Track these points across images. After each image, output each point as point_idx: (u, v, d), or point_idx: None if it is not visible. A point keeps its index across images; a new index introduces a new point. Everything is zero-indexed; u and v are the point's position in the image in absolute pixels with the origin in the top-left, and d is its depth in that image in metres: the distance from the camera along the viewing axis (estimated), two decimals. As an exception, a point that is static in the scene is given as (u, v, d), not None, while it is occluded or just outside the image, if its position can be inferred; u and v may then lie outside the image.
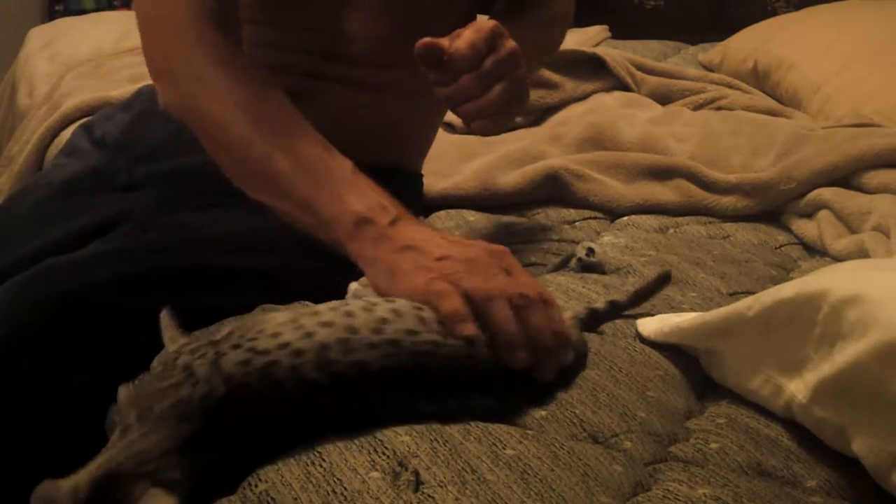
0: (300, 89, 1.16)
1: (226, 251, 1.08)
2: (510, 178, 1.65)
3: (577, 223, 1.59)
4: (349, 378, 0.80)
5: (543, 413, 0.87)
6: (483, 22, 0.99)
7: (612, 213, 1.63)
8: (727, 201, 1.62)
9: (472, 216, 1.56)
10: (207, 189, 1.13)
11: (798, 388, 0.83)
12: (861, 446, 0.77)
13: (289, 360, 0.79)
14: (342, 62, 1.16)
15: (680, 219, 1.60)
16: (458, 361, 0.84)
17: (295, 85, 1.16)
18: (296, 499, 0.74)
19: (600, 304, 1.06)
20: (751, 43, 2.40)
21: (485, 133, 1.04)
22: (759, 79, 2.31)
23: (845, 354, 0.78)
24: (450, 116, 1.97)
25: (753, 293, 0.92)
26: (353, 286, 0.94)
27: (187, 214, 1.12)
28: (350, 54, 1.16)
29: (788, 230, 1.58)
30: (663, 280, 1.08)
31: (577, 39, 2.42)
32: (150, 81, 1.13)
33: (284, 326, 0.82)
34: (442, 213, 1.57)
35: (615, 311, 1.06)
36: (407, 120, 1.25)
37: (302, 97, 1.15)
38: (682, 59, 2.57)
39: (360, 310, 0.84)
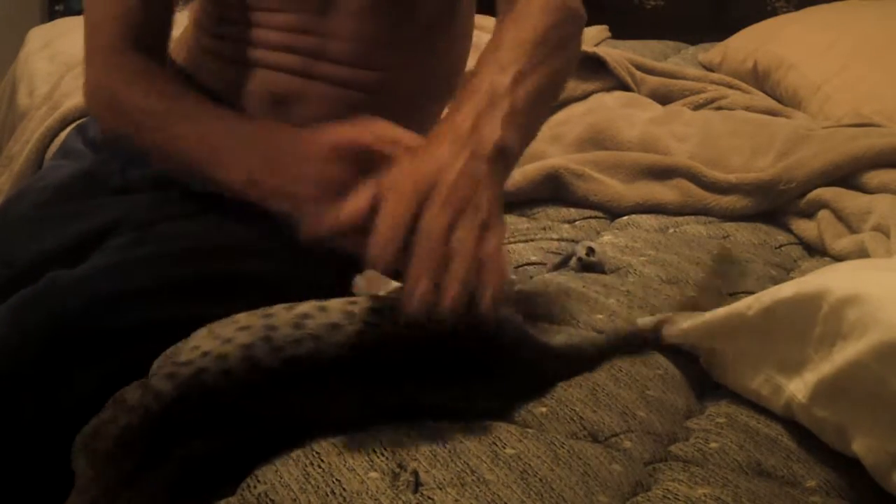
0: (291, 89, 1.16)
1: (225, 258, 1.08)
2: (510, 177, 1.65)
3: (577, 222, 1.59)
4: (283, 374, 0.79)
5: (543, 410, 0.87)
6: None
7: (612, 212, 1.63)
8: (727, 201, 1.62)
9: (472, 215, 1.56)
10: (202, 193, 1.13)
11: (798, 387, 0.83)
12: (861, 446, 0.77)
13: (216, 366, 0.79)
14: (331, 63, 1.16)
15: (680, 218, 1.60)
16: (391, 346, 0.82)
17: (286, 84, 1.16)
18: (294, 500, 0.74)
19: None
20: (751, 43, 2.39)
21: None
22: (759, 79, 2.30)
23: (845, 354, 0.78)
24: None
25: (753, 293, 0.92)
26: (358, 279, 0.95)
27: (185, 221, 1.12)
28: (339, 55, 1.16)
29: (788, 230, 1.58)
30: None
31: (577, 39, 2.41)
32: None
33: (202, 339, 0.82)
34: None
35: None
36: (402, 121, 1.24)
37: (294, 97, 1.15)
38: (682, 59, 2.57)
39: (281, 310, 0.83)
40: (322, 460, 0.77)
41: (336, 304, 0.84)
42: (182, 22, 1.29)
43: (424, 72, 1.21)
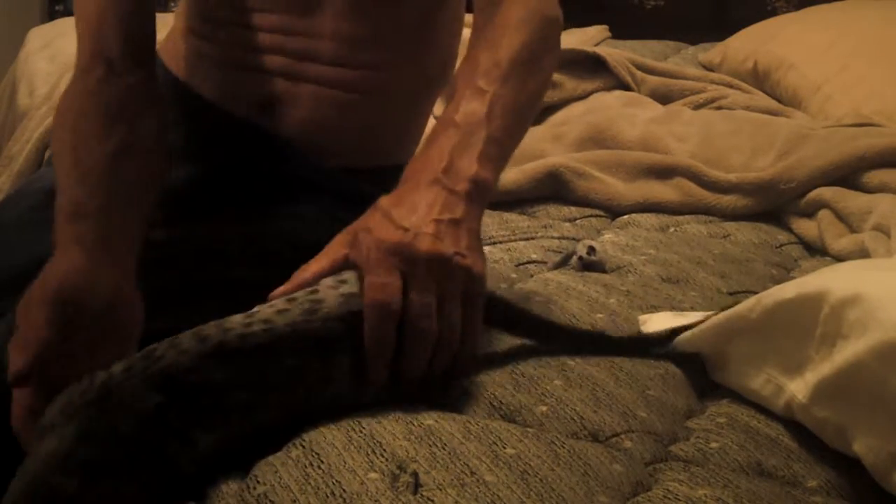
0: (280, 92, 1.15)
1: (226, 263, 1.08)
2: (510, 175, 1.65)
3: (577, 221, 1.60)
4: (233, 346, 0.80)
5: (544, 409, 0.87)
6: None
7: (613, 211, 1.63)
8: (728, 200, 1.62)
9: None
10: (196, 199, 1.13)
11: (798, 388, 0.83)
12: (862, 446, 0.76)
13: (167, 344, 0.80)
14: (319, 63, 1.16)
15: (680, 218, 1.60)
16: (338, 322, 0.83)
17: (274, 87, 1.16)
18: (294, 501, 0.74)
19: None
20: (751, 43, 2.39)
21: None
22: (759, 79, 2.30)
23: (845, 354, 0.78)
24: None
25: (754, 292, 0.92)
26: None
27: (172, 227, 1.12)
28: (326, 56, 1.16)
29: (789, 229, 1.58)
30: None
31: (577, 39, 2.42)
32: None
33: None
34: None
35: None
36: (395, 119, 1.24)
37: (284, 99, 1.15)
38: (682, 59, 2.57)
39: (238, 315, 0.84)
40: (322, 461, 0.77)
41: (279, 300, 0.85)
42: (169, 22, 1.28)
43: (415, 69, 1.21)
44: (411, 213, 0.87)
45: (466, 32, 1.12)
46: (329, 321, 0.82)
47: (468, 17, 1.16)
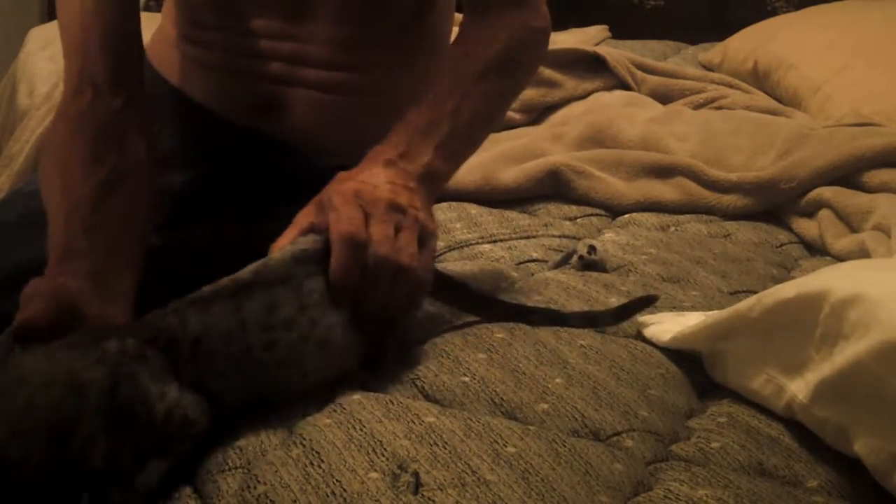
0: (274, 96, 1.15)
1: (226, 264, 1.08)
2: (511, 174, 1.66)
3: (578, 220, 1.60)
4: (206, 297, 0.84)
5: (545, 407, 0.87)
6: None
7: (613, 210, 1.63)
8: (728, 200, 1.62)
9: (473, 209, 1.57)
10: (195, 201, 1.13)
11: (799, 388, 0.83)
12: (862, 446, 0.76)
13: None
14: (312, 67, 1.16)
15: (681, 217, 1.60)
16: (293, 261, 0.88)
17: (268, 92, 1.15)
18: (294, 501, 0.74)
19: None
20: (751, 43, 2.40)
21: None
22: (759, 79, 2.30)
23: (846, 354, 0.78)
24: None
25: (754, 292, 0.92)
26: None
27: (170, 231, 1.12)
28: (317, 59, 1.16)
29: (789, 229, 1.58)
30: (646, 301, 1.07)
31: (577, 39, 2.42)
32: None
33: None
34: (444, 204, 1.58)
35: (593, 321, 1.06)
36: (387, 118, 1.22)
37: (279, 104, 1.15)
38: (682, 59, 2.57)
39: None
40: (322, 460, 0.77)
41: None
42: (153, 24, 1.27)
43: (409, 69, 1.21)
44: (370, 178, 0.94)
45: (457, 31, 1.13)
46: (285, 264, 0.87)
47: (458, 17, 1.17)
